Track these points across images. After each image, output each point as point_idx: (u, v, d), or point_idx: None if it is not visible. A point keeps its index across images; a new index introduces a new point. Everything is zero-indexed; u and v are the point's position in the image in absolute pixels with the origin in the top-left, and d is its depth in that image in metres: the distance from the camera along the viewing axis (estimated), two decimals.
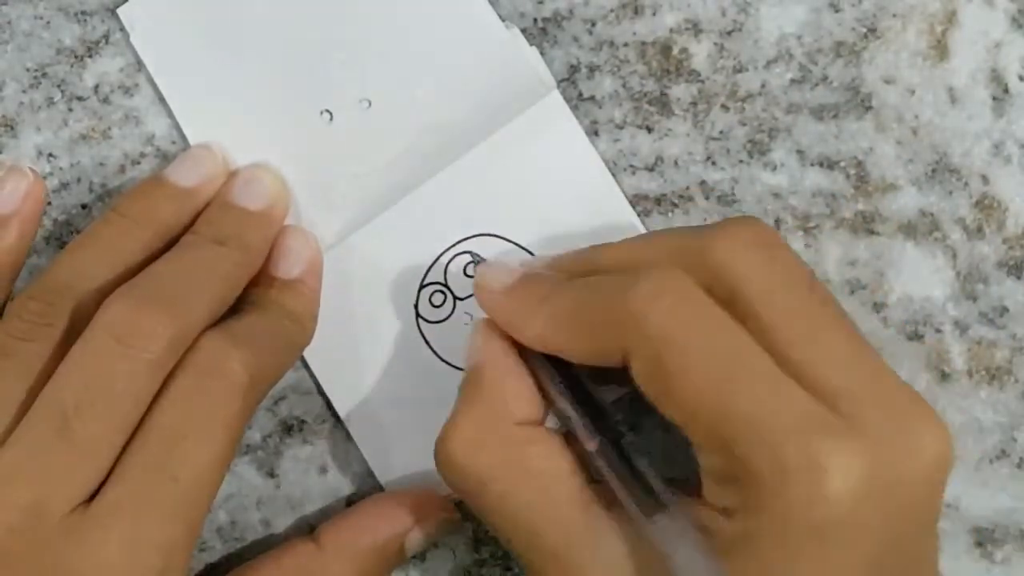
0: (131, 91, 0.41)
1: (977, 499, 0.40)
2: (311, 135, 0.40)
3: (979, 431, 0.40)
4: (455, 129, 0.40)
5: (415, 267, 0.41)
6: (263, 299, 0.38)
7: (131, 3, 0.41)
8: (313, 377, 0.41)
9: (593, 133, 0.41)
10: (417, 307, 0.40)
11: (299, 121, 0.40)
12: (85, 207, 0.41)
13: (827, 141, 0.41)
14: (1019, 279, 0.40)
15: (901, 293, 0.41)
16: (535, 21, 0.41)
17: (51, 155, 0.41)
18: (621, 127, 0.41)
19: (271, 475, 0.41)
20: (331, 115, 0.40)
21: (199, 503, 0.34)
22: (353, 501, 0.41)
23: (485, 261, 0.40)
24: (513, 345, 0.36)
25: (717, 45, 0.41)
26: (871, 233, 0.41)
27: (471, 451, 0.35)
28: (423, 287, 0.40)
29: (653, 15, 0.41)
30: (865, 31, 0.41)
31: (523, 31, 0.41)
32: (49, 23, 0.41)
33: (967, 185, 0.41)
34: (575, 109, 0.41)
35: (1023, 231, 0.41)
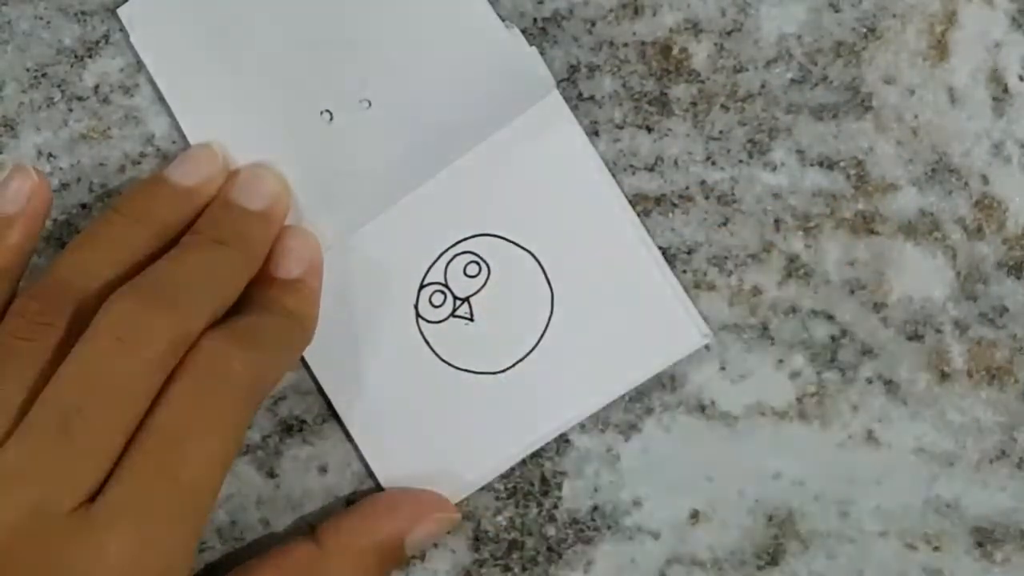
0: (131, 91, 0.41)
1: (977, 499, 0.40)
2: (311, 135, 0.40)
3: (979, 431, 0.40)
4: (455, 129, 0.40)
5: (415, 267, 0.41)
6: (264, 299, 0.38)
7: (131, 3, 0.41)
8: (313, 377, 0.41)
9: (593, 133, 0.41)
10: (417, 307, 0.40)
11: (299, 121, 0.40)
12: (85, 207, 0.41)
13: (827, 141, 0.41)
14: (1019, 279, 0.41)
15: (901, 293, 0.41)
16: (535, 21, 0.41)
17: (51, 155, 0.41)
18: (621, 127, 0.41)
19: (271, 475, 0.41)
20: (331, 115, 0.40)
21: (201, 503, 0.34)
22: (353, 501, 0.41)
23: None
24: None
25: (717, 45, 0.41)
26: (871, 233, 0.41)
27: None
28: (423, 287, 0.40)
29: (653, 15, 0.41)
30: (865, 31, 0.41)
31: (523, 31, 0.41)
32: (49, 23, 0.41)
33: (967, 185, 0.41)
34: (575, 109, 0.41)
35: (1023, 231, 0.41)
